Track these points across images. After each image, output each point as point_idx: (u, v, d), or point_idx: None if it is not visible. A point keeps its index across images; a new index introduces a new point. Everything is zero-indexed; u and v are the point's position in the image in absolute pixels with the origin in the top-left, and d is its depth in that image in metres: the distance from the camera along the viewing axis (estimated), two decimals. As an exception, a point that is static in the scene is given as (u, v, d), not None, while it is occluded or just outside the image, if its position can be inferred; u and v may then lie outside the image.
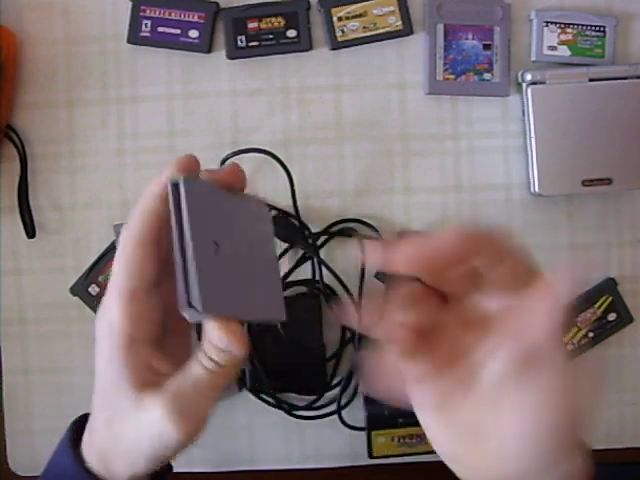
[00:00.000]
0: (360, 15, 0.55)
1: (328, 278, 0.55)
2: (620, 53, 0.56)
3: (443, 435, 0.32)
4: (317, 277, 0.55)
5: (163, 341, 0.36)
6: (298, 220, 0.55)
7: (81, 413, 0.58)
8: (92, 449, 0.38)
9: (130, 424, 0.35)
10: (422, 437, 0.52)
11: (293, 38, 0.55)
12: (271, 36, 0.55)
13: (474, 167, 0.56)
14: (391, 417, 0.53)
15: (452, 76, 0.55)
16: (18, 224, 0.55)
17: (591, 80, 0.53)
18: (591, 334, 0.56)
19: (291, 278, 0.55)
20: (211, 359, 0.34)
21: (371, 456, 0.55)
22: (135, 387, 0.35)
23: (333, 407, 0.54)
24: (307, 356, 0.54)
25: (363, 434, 0.55)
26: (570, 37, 0.55)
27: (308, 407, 0.55)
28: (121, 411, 0.36)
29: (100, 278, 0.55)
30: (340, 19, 0.55)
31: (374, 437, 0.55)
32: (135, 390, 0.35)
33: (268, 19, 0.55)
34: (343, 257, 0.56)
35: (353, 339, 0.55)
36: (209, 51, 0.55)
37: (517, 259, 0.32)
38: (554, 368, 0.29)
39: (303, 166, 0.56)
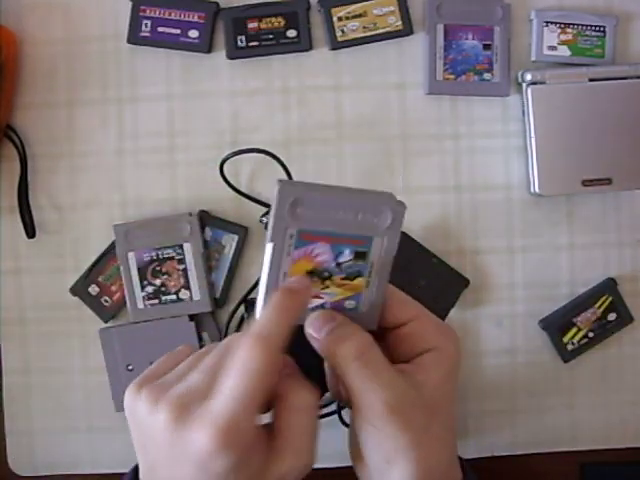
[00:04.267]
0: (360, 15, 0.55)
1: (328, 278, 0.55)
2: (620, 53, 0.56)
3: None
4: (317, 277, 0.55)
5: None
6: (298, 220, 0.54)
7: (79, 411, 0.58)
8: None
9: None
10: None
11: (293, 38, 0.55)
12: (271, 36, 0.55)
13: (474, 167, 0.56)
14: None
15: (452, 76, 0.55)
16: (18, 224, 0.55)
17: (591, 80, 0.53)
18: (591, 334, 0.56)
19: (291, 278, 0.55)
20: None
21: (371, 456, 0.55)
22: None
23: (333, 407, 0.54)
24: (307, 356, 0.54)
25: (363, 434, 0.55)
26: (570, 37, 0.55)
27: (308, 407, 0.54)
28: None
29: (100, 278, 0.55)
30: (340, 19, 0.55)
31: (374, 437, 0.54)
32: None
33: (268, 19, 0.55)
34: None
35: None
36: (209, 51, 0.55)
37: None
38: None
39: (303, 166, 0.56)
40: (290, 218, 0.35)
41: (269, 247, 0.35)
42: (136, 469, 0.38)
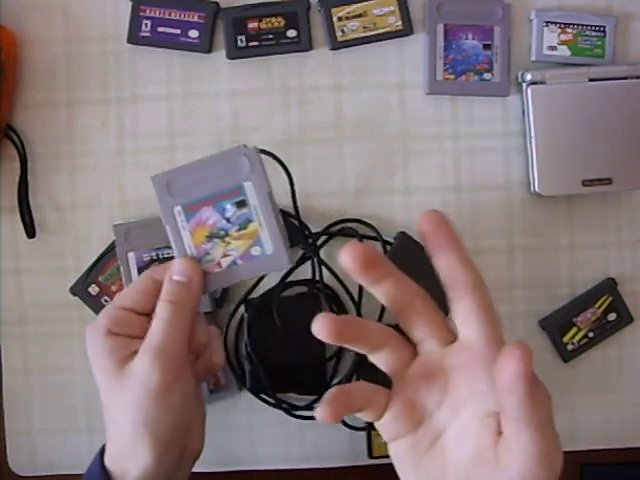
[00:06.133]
0: (360, 15, 0.55)
1: (328, 278, 0.55)
2: (620, 53, 0.56)
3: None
4: (317, 277, 0.55)
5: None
6: (298, 220, 0.55)
7: (79, 411, 0.58)
8: (108, 457, 0.42)
9: (120, 395, 0.40)
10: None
11: (293, 38, 0.55)
12: (271, 36, 0.55)
13: (474, 167, 0.56)
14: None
15: (452, 76, 0.55)
16: (18, 224, 0.55)
17: (591, 80, 0.53)
18: (591, 334, 0.56)
19: (291, 278, 0.55)
20: (166, 300, 0.40)
21: (371, 456, 0.55)
22: (117, 363, 0.40)
23: (333, 407, 0.54)
24: (307, 356, 0.54)
25: (363, 434, 0.55)
26: (570, 37, 0.55)
27: (308, 407, 0.55)
28: (113, 392, 0.40)
29: (100, 278, 0.55)
30: (340, 19, 0.55)
31: (374, 437, 0.55)
32: (117, 365, 0.40)
33: (268, 19, 0.55)
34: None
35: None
36: (209, 51, 0.55)
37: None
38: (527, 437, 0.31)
39: (303, 166, 0.56)
40: (170, 199, 0.42)
41: (167, 229, 0.42)
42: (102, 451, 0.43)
